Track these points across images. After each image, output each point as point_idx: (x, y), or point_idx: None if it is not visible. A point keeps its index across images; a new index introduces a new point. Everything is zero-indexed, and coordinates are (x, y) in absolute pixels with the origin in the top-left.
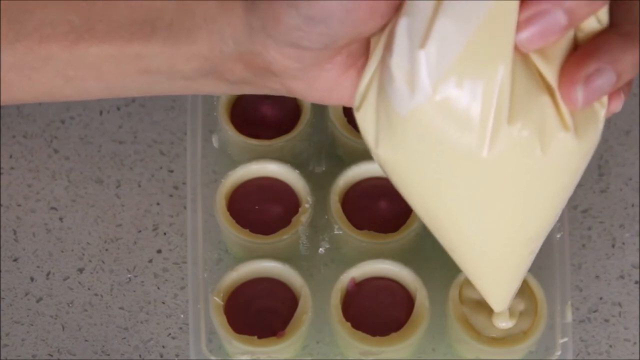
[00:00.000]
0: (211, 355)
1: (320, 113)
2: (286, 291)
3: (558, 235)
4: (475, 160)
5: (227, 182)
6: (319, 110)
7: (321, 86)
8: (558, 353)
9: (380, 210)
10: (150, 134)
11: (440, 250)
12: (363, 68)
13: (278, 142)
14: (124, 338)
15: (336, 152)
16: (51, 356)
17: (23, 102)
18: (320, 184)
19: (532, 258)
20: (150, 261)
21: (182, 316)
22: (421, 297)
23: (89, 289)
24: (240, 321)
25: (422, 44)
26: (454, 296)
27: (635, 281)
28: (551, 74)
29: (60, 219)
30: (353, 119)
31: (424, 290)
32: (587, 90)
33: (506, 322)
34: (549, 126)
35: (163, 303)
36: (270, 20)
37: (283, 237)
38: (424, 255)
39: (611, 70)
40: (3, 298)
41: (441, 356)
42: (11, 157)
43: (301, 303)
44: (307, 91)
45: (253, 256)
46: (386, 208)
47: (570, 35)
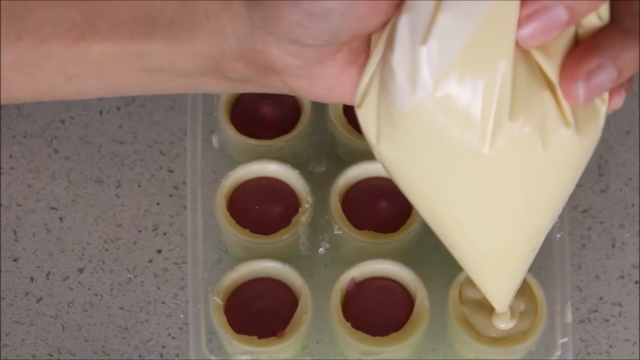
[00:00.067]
0: (211, 355)
1: (320, 113)
2: (286, 291)
3: (558, 235)
4: (476, 156)
5: (227, 182)
6: (319, 110)
7: (322, 84)
8: (558, 353)
9: (380, 210)
10: (150, 134)
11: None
12: (364, 65)
13: (278, 142)
14: (124, 338)
15: (336, 152)
16: (51, 356)
17: (23, 101)
18: (320, 184)
19: (533, 255)
20: (150, 261)
21: (182, 316)
22: (421, 297)
23: (89, 289)
24: (240, 321)
25: (424, 41)
26: (454, 296)
27: (635, 281)
28: (552, 70)
29: (60, 219)
30: (353, 119)
31: (424, 290)
32: (588, 86)
33: (506, 323)
34: (550, 122)
35: (163, 303)
36: (271, 17)
37: (283, 237)
38: (424, 255)
39: (612, 66)
40: (3, 298)
41: (441, 356)
42: (11, 157)
43: (301, 303)
44: (309, 89)
45: (253, 256)
46: (386, 208)
47: (571, 31)
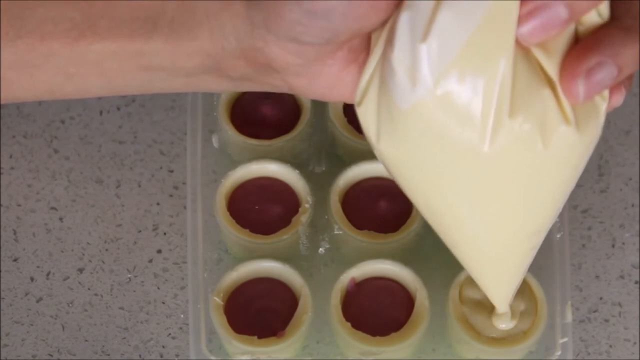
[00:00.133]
0: (211, 355)
1: (320, 113)
2: (286, 291)
3: (558, 235)
4: (476, 154)
5: (227, 182)
6: (319, 110)
7: (322, 82)
8: (558, 353)
9: (380, 210)
10: (150, 134)
11: (440, 250)
12: (364, 63)
13: (278, 142)
14: (124, 338)
15: (336, 152)
16: (51, 356)
17: (23, 101)
18: (320, 184)
19: (534, 253)
20: (150, 261)
21: (182, 316)
22: (421, 297)
23: (89, 289)
24: (240, 321)
25: (424, 38)
26: (454, 296)
27: (635, 281)
28: (552, 68)
29: (60, 219)
30: (353, 119)
31: (424, 290)
32: (588, 83)
33: (507, 323)
34: (550, 120)
35: (163, 303)
36: (271, 15)
37: (283, 237)
38: (424, 255)
39: (612, 63)
40: (3, 298)
41: (441, 356)
42: (11, 157)
43: (301, 303)
44: (309, 87)
45: (253, 256)
46: (386, 208)
47: (571, 29)
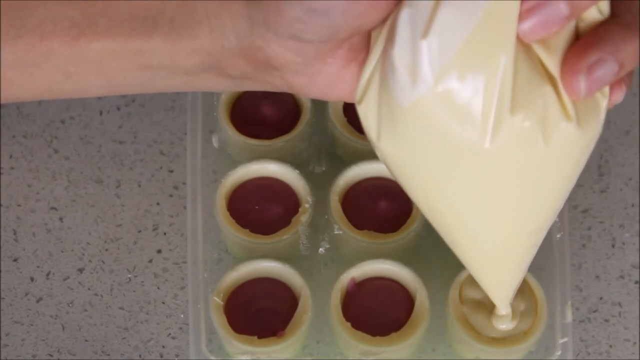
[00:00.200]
0: (211, 355)
1: (320, 113)
2: (286, 291)
3: (558, 235)
4: (477, 151)
5: (227, 182)
6: (319, 110)
7: (322, 80)
8: (558, 353)
9: (380, 210)
10: (150, 134)
11: (440, 250)
12: (364, 62)
13: (278, 142)
14: (124, 338)
15: (336, 152)
16: (51, 356)
17: (23, 100)
18: (320, 184)
19: (534, 251)
20: (150, 261)
21: (182, 316)
22: (421, 297)
23: (89, 289)
24: (240, 321)
25: (424, 35)
26: (454, 296)
27: (635, 281)
28: (553, 64)
29: (60, 219)
30: (353, 119)
31: (424, 290)
32: (589, 79)
33: (507, 324)
34: (552, 116)
35: (163, 303)
36: (271, 12)
37: (283, 237)
38: (424, 255)
39: (613, 60)
40: (3, 298)
41: (441, 356)
42: (11, 157)
43: (301, 303)
44: (308, 86)
45: (253, 256)
46: (386, 208)
47: (571, 25)
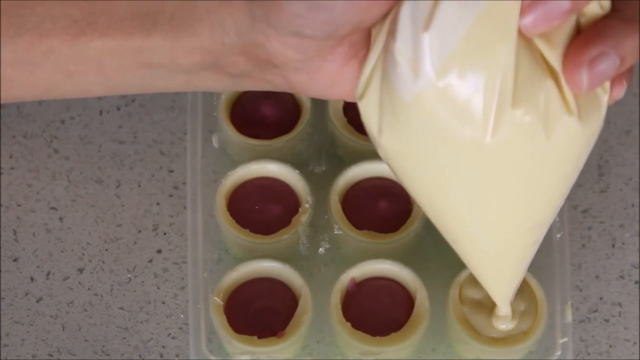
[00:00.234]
0: (211, 355)
1: (320, 113)
2: (286, 291)
3: (558, 235)
4: (479, 145)
5: (227, 182)
6: (319, 110)
7: (323, 78)
8: (558, 353)
9: (380, 210)
10: (150, 134)
11: (440, 250)
12: (365, 59)
13: (278, 142)
14: (124, 338)
15: (336, 152)
16: (51, 356)
17: (23, 100)
18: (320, 184)
19: (535, 249)
20: (150, 261)
21: (182, 316)
22: (421, 297)
23: (89, 289)
24: (240, 321)
25: (425, 28)
26: (454, 296)
27: (635, 281)
28: (555, 58)
29: (60, 219)
30: (353, 119)
31: (424, 290)
32: (592, 73)
33: (507, 324)
34: (553, 110)
35: (163, 303)
36: (272, 8)
37: (283, 237)
38: (424, 255)
39: (614, 54)
40: (3, 298)
41: (441, 356)
42: (11, 157)
43: (301, 303)
44: (309, 84)
45: (253, 256)
46: (386, 208)
47: (573, 20)
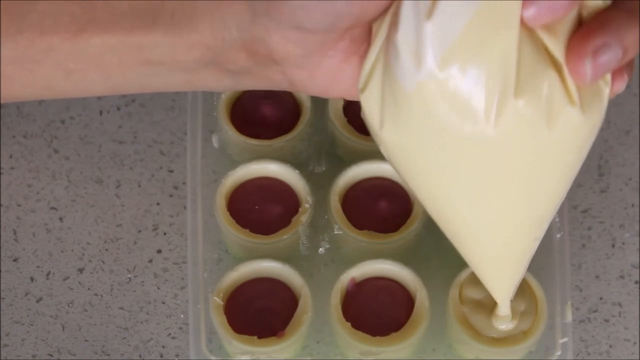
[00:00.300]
0: (211, 355)
1: (320, 113)
2: (286, 291)
3: (558, 235)
4: (480, 137)
5: (227, 182)
6: (319, 110)
7: (323, 74)
8: (558, 353)
9: (380, 210)
10: (150, 134)
11: (440, 250)
12: (365, 55)
13: (278, 142)
14: (124, 338)
15: (336, 152)
16: (51, 356)
17: (23, 99)
18: (320, 184)
19: (536, 245)
20: (150, 261)
21: (182, 316)
22: (421, 297)
23: (89, 289)
24: (240, 321)
25: (428, 17)
26: (454, 296)
27: (635, 281)
28: (558, 50)
29: (60, 219)
30: (353, 119)
31: (424, 290)
32: (595, 64)
33: (507, 325)
34: (556, 101)
35: (163, 303)
36: (273, 1)
37: (283, 237)
38: (424, 255)
39: (617, 45)
40: (3, 298)
41: (441, 356)
42: (11, 157)
43: (301, 303)
44: (309, 81)
45: (253, 256)
46: (386, 208)
47: (575, 12)
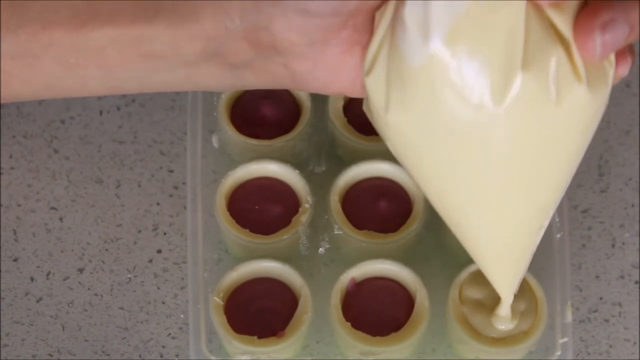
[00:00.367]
0: (211, 355)
1: (320, 113)
2: (286, 291)
3: (558, 235)
4: (487, 113)
5: (227, 182)
6: (319, 110)
7: (325, 65)
8: (558, 353)
9: (380, 210)
10: (150, 134)
11: (440, 250)
12: (367, 46)
13: (278, 142)
14: (124, 338)
15: (336, 152)
16: (51, 356)
17: (22, 98)
18: (320, 184)
19: (541, 235)
20: (150, 261)
21: (182, 316)
22: (421, 297)
23: (89, 289)
24: (240, 321)
25: None
26: (454, 296)
27: (635, 281)
28: (565, 26)
29: (60, 219)
30: (353, 119)
31: (424, 290)
32: (603, 39)
33: (507, 325)
34: (563, 76)
35: (163, 303)
36: None
37: (283, 237)
38: (424, 255)
39: (624, 21)
40: (3, 298)
41: (441, 356)
42: (11, 157)
43: (301, 303)
44: (311, 73)
45: (253, 256)
46: (386, 208)
47: None
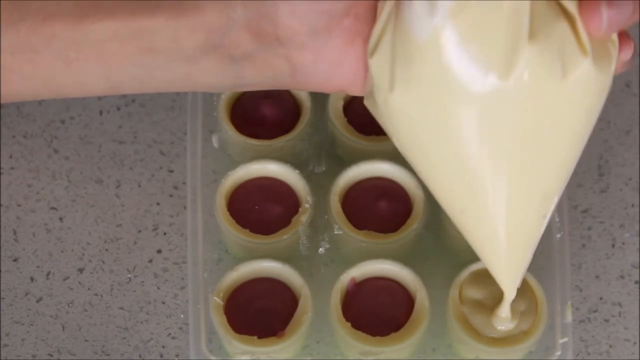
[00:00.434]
0: (211, 355)
1: (320, 113)
2: (286, 291)
3: (558, 235)
4: (493, 88)
5: (227, 182)
6: (319, 110)
7: (327, 57)
8: (558, 353)
9: (380, 210)
10: (150, 134)
11: (440, 250)
12: (369, 37)
13: (278, 142)
14: (124, 338)
15: (336, 152)
16: (51, 356)
17: (22, 97)
18: (320, 184)
19: (544, 225)
20: (150, 261)
21: (182, 316)
22: (421, 297)
23: (89, 289)
24: (240, 321)
25: None
26: (454, 296)
27: (635, 281)
28: (571, 2)
29: (60, 219)
30: (353, 119)
31: (424, 290)
32: (609, 13)
33: (507, 325)
34: (569, 50)
35: (163, 303)
36: None
37: (283, 237)
38: (424, 255)
39: None
40: (3, 298)
41: (441, 356)
42: (11, 157)
43: (301, 303)
44: (313, 65)
45: (253, 256)
46: (386, 208)
47: None
